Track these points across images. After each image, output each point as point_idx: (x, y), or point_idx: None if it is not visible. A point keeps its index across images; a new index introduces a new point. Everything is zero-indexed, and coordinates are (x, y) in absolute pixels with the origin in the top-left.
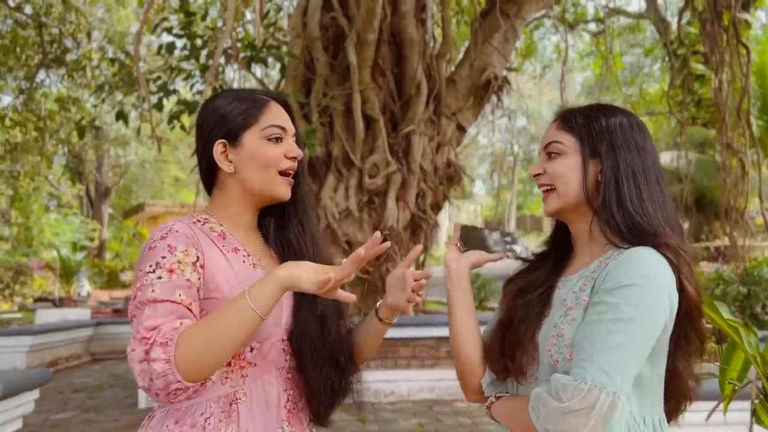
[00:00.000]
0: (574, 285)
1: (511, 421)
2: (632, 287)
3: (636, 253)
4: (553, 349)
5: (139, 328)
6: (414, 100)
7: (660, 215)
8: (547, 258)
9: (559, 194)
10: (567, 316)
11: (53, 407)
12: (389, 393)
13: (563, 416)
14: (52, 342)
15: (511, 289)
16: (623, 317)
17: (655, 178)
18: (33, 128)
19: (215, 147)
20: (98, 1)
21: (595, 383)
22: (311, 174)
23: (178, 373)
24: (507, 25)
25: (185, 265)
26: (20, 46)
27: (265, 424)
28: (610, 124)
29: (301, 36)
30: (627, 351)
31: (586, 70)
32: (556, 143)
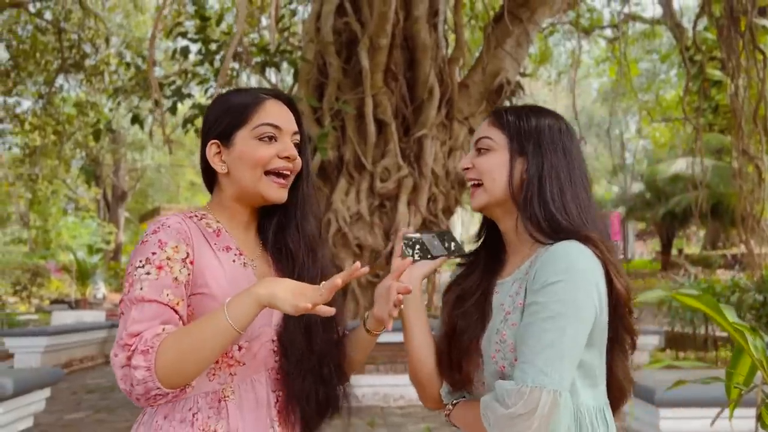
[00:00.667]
0: (509, 288)
1: (469, 428)
2: (557, 284)
3: (559, 248)
4: (498, 355)
5: (123, 333)
6: (426, 104)
7: (583, 217)
8: (479, 260)
9: (486, 189)
10: (507, 321)
11: (66, 407)
12: (398, 397)
13: (510, 421)
14: (67, 343)
15: (450, 297)
16: (552, 314)
17: (581, 181)
18: (51, 132)
19: (209, 147)
20: (117, 7)
21: (536, 384)
22: (323, 177)
23: (158, 380)
24: (520, 30)
25: (174, 261)
26: (40, 51)
27: (256, 423)
28: (540, 125)
29: (315, 41)
30: (561, 347)
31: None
32: (486, 139)
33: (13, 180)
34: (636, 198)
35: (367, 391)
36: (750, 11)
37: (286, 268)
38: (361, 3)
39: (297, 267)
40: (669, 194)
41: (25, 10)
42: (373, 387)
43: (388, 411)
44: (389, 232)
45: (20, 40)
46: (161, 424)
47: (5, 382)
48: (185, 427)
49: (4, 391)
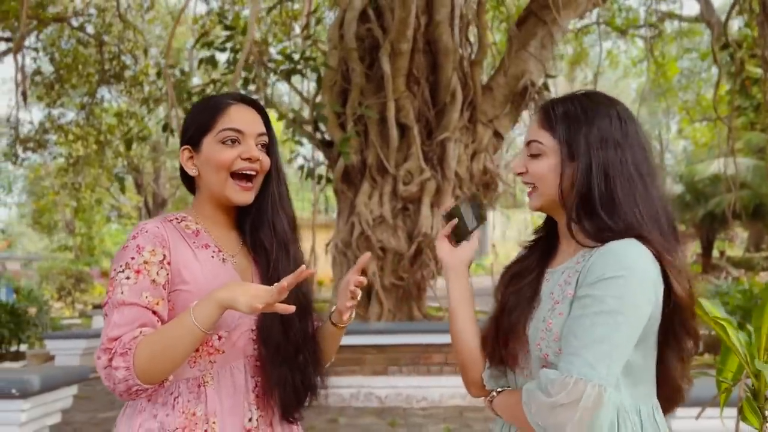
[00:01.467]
0: (559, 277)
1: (511, 416)
2: (615, 279)
3: (618, 245)
4: (543, 343)
5: (104, 338)
6: (449, 107)
7: (639, 213)
8: (537, 247)
9: (541, 194)
10: (554, 311)
11: (100, 406)
12: (421, 399)
13: (552, 410)
14: None
15: (506, 275)
16: (607, 309)
17: (637, 173)
18: (94, 142)
19: (181, 153)
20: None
21: (581, 376)
22: (346, 182)
23: (137, 378)
24: (544, 32)
25: (151, 264)
26: (82, 63)
27: (232, 408)
28: (589, 120)
29: (338, 47)
30: (612, 343)
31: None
32: (536, 143)
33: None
34: (675, 199)
35: (390, 392)
36: None
37: (262, 264)
38: (383, 9)
39: (272, 262)
40: (709, 195)
41: (68, 24)
42: (396, 388)
43: (410, 412)
44: (412, 234)
45: (63, 54)
46: (145, 406)
47: (32, 378)
48: (167, 409)
49: (31, 388)
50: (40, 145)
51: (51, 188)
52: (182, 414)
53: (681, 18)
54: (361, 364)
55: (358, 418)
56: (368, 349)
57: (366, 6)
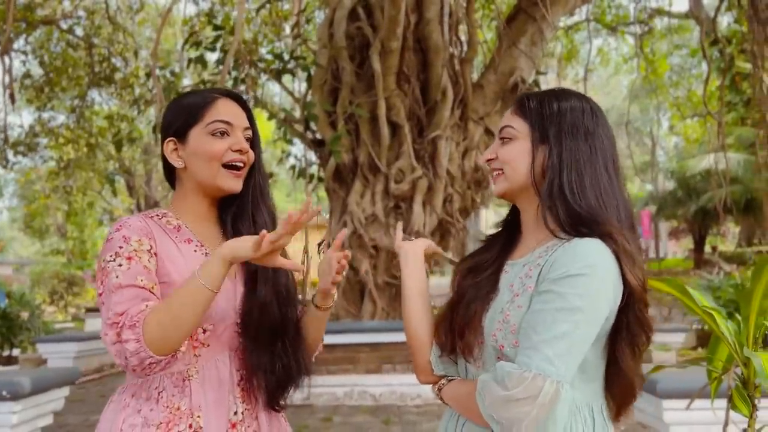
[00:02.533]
0: (520, 270)
1: (461, 406)
2: (579, 277)
3: (582, 244)
4: (499, 334)
5: (109, 314)
6: (440, 105)
7: (603, 203)
8: (498, 239)
9: (507, 178)
10: (513, 303)
11: (94, 408)
12: (415, 396)
13: (507, 404)
14: (98, 349)
15: (463, 267)
16: (569, 306)
17: (603, 164)
18: (84, 145)
19: (166, 145)
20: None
21: (540, 372)
22: (338, 180)
23: (149, 349)
24: (534, 29)
25: (141, 252)
26: (72, 66)
27: (217, 401)
28: (561, 109)
29: (328, 46)
30: (572, 340)
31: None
32: (508, 128)
33: (49, 193)
34: (667, 196)
35: (384, 390)
36: None
37: None
38: (372, 7)
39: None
40: (700, 191)
41: (57, 27)
42: (390, 386)
43: (405, 410)
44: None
45: (53, 56)
46: (128, 402)
47: (23, 380)
48: (151, 404)
49: (22, 390)
50: (30, 149)
51: (42, 192)
52: (166, 408)
53: (670, 14)
54: (354, 362)
55: (352, 417)
56: (362, 348)
57: (355, 5)
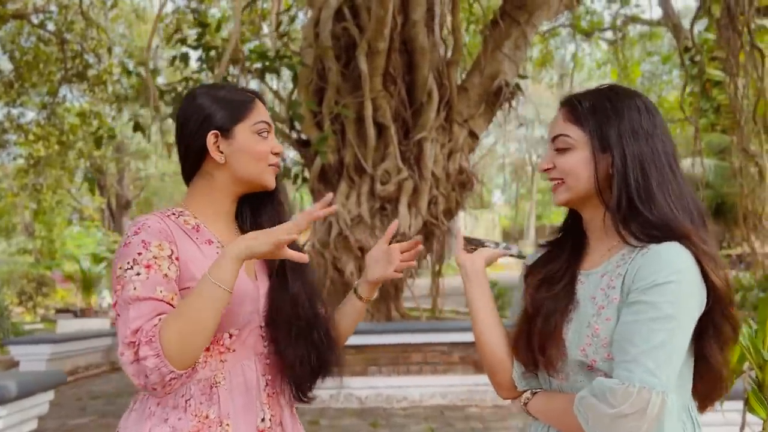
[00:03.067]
0: (599, 281)
1: (551, 419)
2: (668, 285)
3: (665, 250)
4: (589, 349)
5: (126, 332)
6: (425, 107)
7: (672, 203)
8: (563, 246)
9: (569, 187)
10: (600, 316)
11: (71, 413)
12: (401, 398)
13: (615, 421)
14: (72, 351)
15: (533, 280)
16: (662, 315)
17: (667, 163)
18: (55, 142)
19: (209, 137)
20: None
21: (644, 384)
22: (323, 181)
23: (169, 363)
24: (518, 33)
25: (161, 259)
26: (43, 62)
27: (246, 407)
28: (618, 111)
29: (313, 45)
30: (670, 349)
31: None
32: (564, 137)
33: (17, 191)
34: None
35: (370, 392)
36: (747, 10)
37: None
38: (359, 8)
39: None
40: None
41: (28, 21)
42: (376, 389)
43: (391, 412)
44: None
45: (23, 51)
46: (154, 410)
47: (9, 384)
48: (178, 412)
49: (8, 394)
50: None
51: (9, 190)
52: (195, 417)
53: (644, 22)
54: (339, 365)
55: (339, 420)
56: (347, 350)
57: (341, 5)
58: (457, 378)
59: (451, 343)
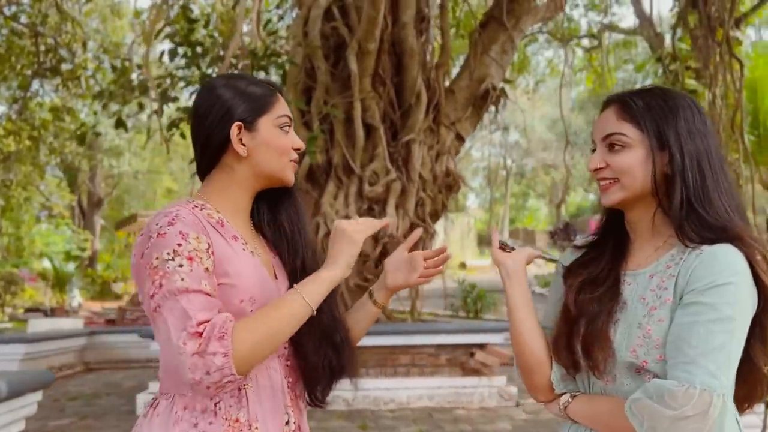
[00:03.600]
0: (648, 282)
1: (596, 422)
2: (727, 286)
3: (721, 252)
4: (639, 350)
5: (190, 321)
6: (414, 109)
7: (725, 203)
8: (603, 247)
9: (624, 187)
10: (652, 317)
11: (50, 414)
12: (389, 401)
13: (676, 423)
14: (46, 350)
15: (575, 281)
16: (722, 317)
17: (720, 163)
18: (27, 137)
19: (233, 129)
20: (94, 12)
21: (705, 387)
22: (312, 181)
23: (234, 366)
24: (505, 37)
25: (201, 252)
26: (15, 55)
27: (273, 410)
28: (673, 111)
29: (303, 44)
30: (729, 351)
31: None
32: (619, 135)
33: None
34: None
35: (357, 394)
36: (726, 20)
37: (284, 253)
38: (348, 8)
39: (293, 249)
40: None
41: (1, 12)
42: (364, 390)
43: (379, 414)
44: (378, 236)
45: None
46: (181, 415)
47: (0, 384)
48: (208, 416)
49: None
50: None
51: None
52: (225, 420)
53: (621, 30)
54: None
55: (326, 422)
56: None
57: (331, 4)
58: (445, 380)
59: (439, 345)
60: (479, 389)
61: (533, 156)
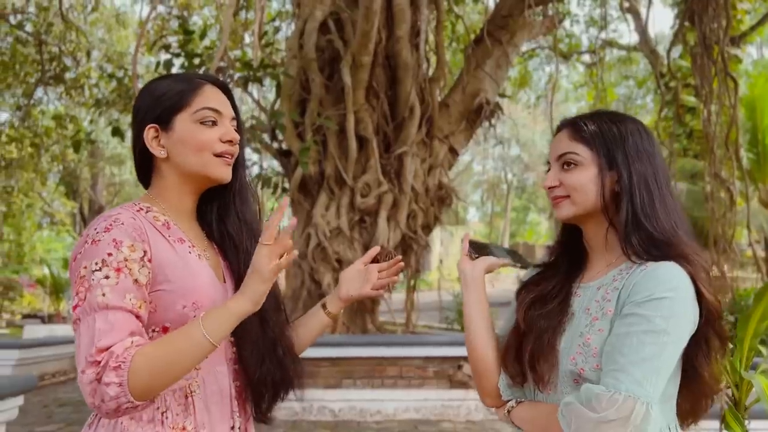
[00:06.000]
0: (595, 293)
1: (534, 427)
2: (663, 300)
3: (663, 268)
4: (578, 358)
5: (91, 347)
6: (407, 122)
7: (672, 220)
8: (559, 265)
9: (575, 202)
10: (593, 327)
11: (37, 420)
12: (375, 412)
13: (598, 426)
14: (39, 357)
15: (526, 297)
16: (655, 329)
17: (666, 181)
18: (29, 145)
19: (146, 132)
20: (99, 21)
21: (630, 393)
22: (304, 192)
23: (131, 395)
24: (499, 52)
25: (132, 262)
26: (20, 63)
27: (221, 416)
28: (622, 134)
29: (298, 57)
30: (659, 362)
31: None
32: (571, 154)
33: None
34: None
35: (344, 405)
36: (721, 39)
37: (231, 258)
38: (344, 21)
39: (241, 253)
40: None
41: (5, 21)
42: (350, 402)
43: (364, 425)
44: (369, 247)
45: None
46: (127, 425)
47: None
48: (156, 426)
49: None
50: None
51: None
52: (172, 430)
53: (621, 47)
54: (314, 377)
55: None
56: (322, 362)
57: (327, 17)
58: (432, 392)
59: (427, 357)
60: (466, 402)
61: (534, 170)
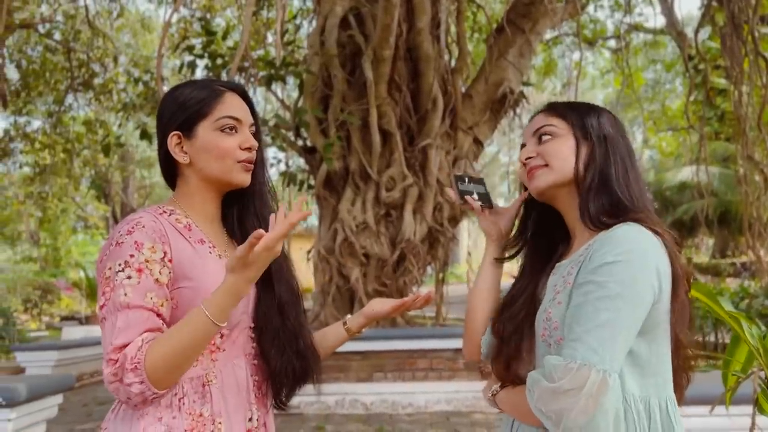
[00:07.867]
0: (564, 270)
1: (515, 410)
2: (616, 264)
3: (619, 230)
4: (546, 333)
5: (109, 347)
6: (430, 114)
7: (644, 200)
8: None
9: (553, 169)
10: (554, 300)
11: (77, 418)
12: (407, 405)
13: (554, 396)
14: (78, 357)
15: (500, 307)
16: (609, 294)
17: (633, 161)
18: (61, 150)
19: (170, 139)
20: (125, 27)
21: (585, 362)
22: (329, 188)
23: (154, 387)
24: (522, 41)
25: (153, 263)
26: (49, 71)
27: (237, 407)
28: (594, 110)
29: (319, 53)
30: (615, 328)
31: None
32: (549, 126)
33: (23, 199)
34: None
35: (375, 398)
36: (751, 18)
37: None
38: (364, 16)
39: None
40: (676, 203)
41: (35, 30)
42: (381, 395)
43: (396, 418)
44: (395, 241)
45: (30, 61)
46: (147, 410)
47: (18, 387)
48: (173, 411)
49: (18, 396)
50: (5, 154)
51: (15, 198)
52: (189, 415)
53: (647, 30)
54: (345, 371)
55: (344, 425)
56: (352, 356)
57: (347, 13)
58: (463, 384)
59: (457, 350)
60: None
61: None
